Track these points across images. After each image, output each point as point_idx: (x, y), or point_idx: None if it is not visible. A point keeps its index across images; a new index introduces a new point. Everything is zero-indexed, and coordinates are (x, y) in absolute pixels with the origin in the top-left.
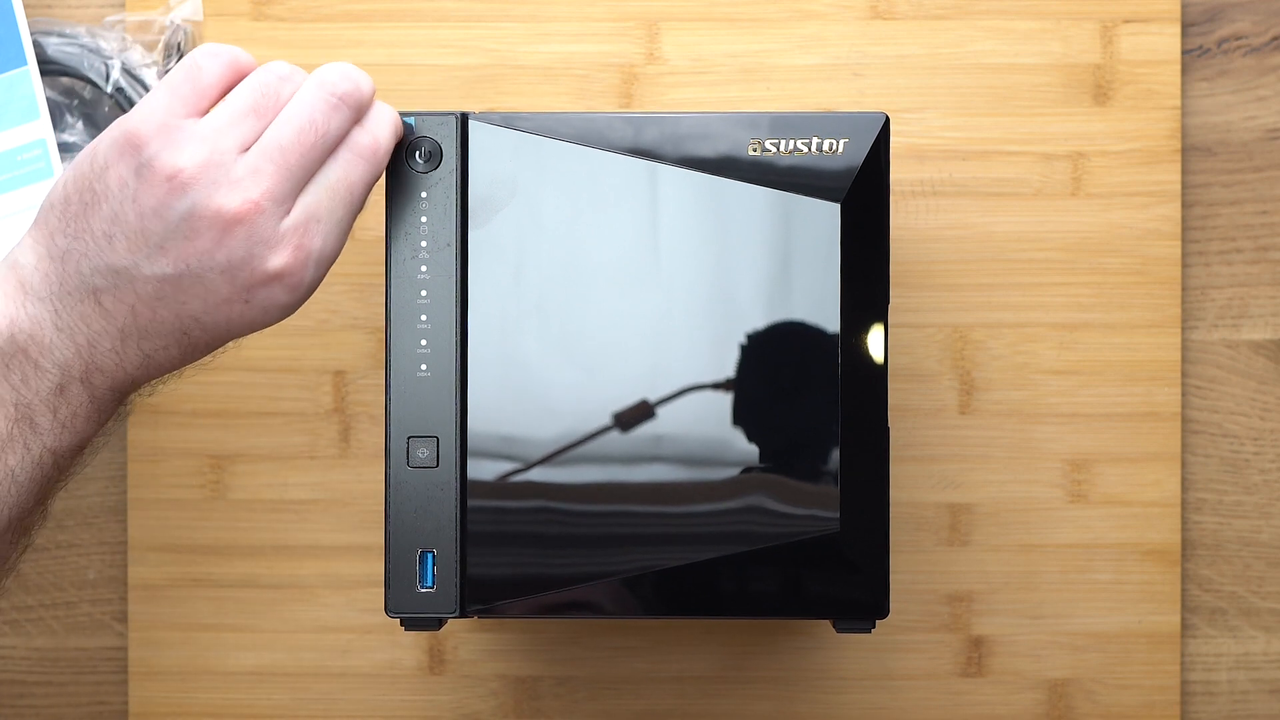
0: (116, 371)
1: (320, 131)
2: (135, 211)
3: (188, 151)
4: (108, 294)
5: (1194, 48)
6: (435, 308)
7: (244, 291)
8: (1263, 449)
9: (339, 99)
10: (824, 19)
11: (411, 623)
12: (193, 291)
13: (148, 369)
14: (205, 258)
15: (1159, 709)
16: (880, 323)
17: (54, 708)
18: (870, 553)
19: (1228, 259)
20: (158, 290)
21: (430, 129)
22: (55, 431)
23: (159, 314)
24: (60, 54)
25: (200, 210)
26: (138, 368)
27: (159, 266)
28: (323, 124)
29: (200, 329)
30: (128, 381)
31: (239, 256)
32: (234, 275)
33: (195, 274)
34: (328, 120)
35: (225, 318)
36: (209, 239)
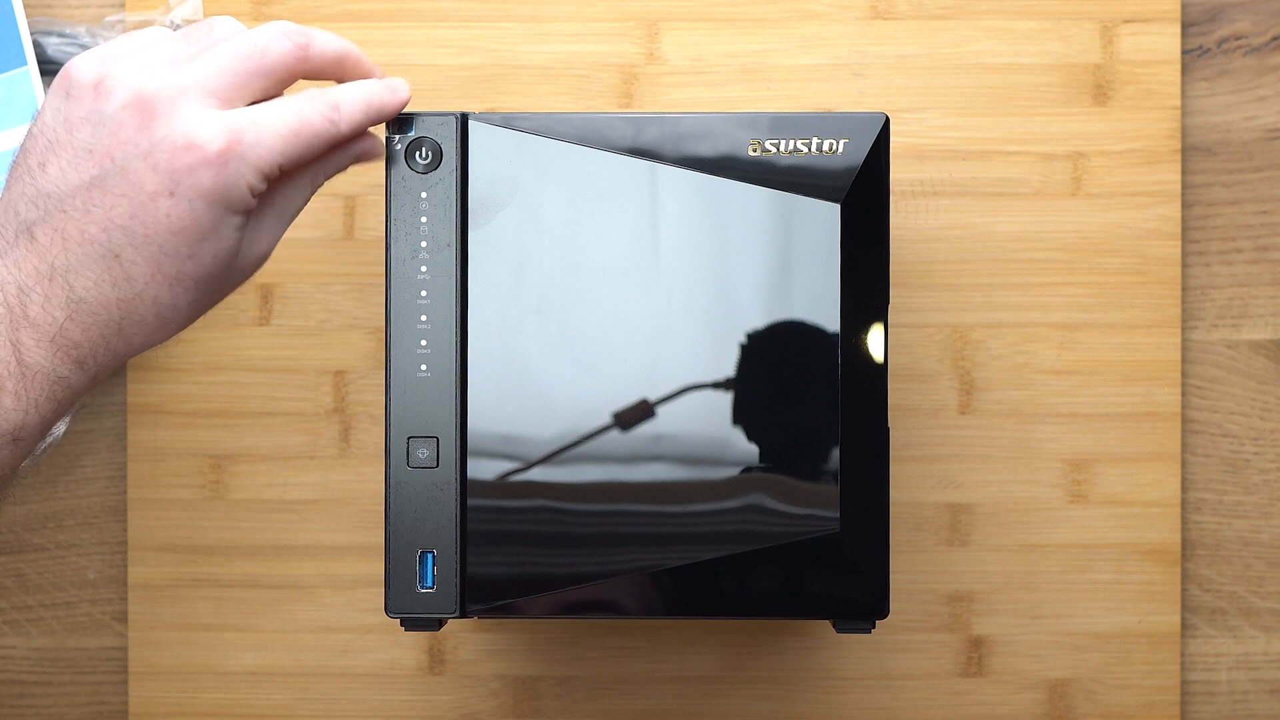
0: (44, 320)
1: (259, 48)
2: (65, 128)
3: (116, 62)
4: (40, 225)
5: (1194, 48)
6: (435, 308)
7: (168, 179)
8: (1263, 449)
9: (284, 32)
10: (824, 19)
11: (411, 623)
12: (118, 190)
13: (79, 316)
14: (129, 145)
15: (1159, 709)
16: (880, 323)
17: (54, 708)
18: (870, 553)
19: (1228, 259)
20: (85, 201)
21: (430, 129)
22: None
23: (87, 231)
24: (60, 54)
25: (126, 102)
26: (66, 313)
27: (86, 171)
28: (264, 44)
29: (130, 245)
30: (57, 336)
31: (160, 135)
32: (157, 158)
33: (120, 168)
34: (271, 42)
35: (152, 221)
36: (132, 125)
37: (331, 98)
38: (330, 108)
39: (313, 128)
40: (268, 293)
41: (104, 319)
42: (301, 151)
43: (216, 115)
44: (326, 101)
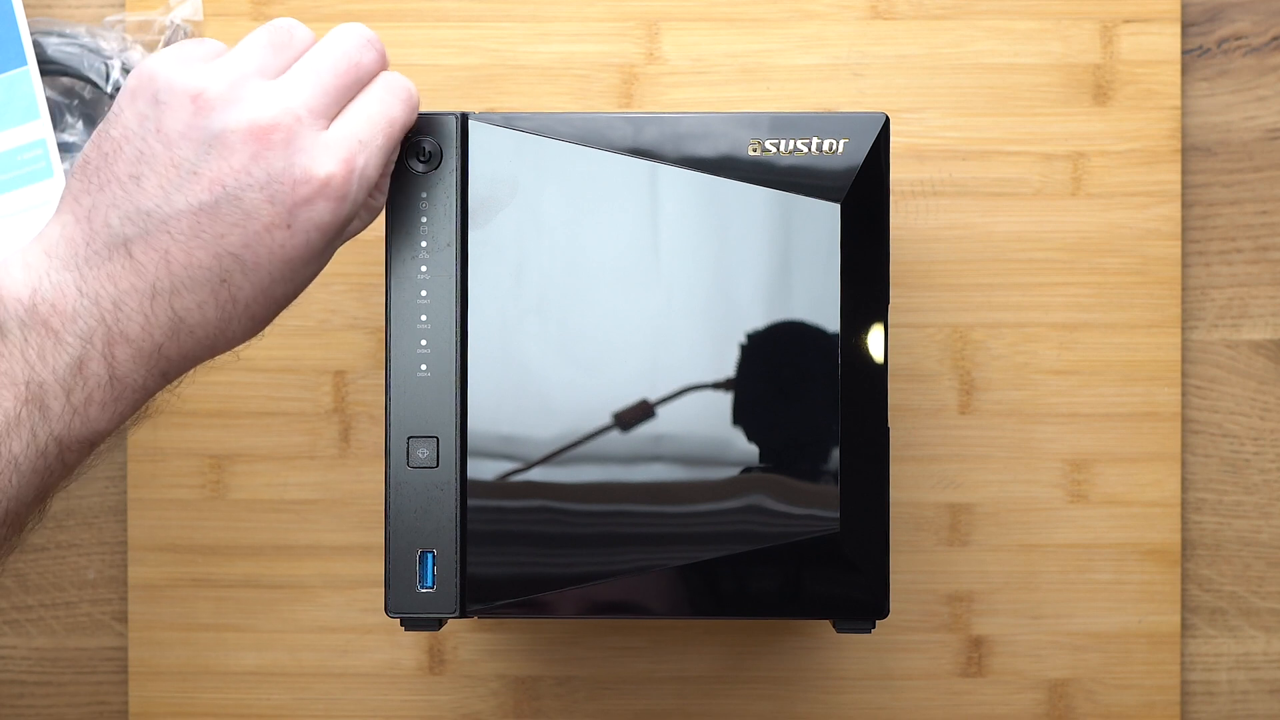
0: (143, 339)
1: (354, 61)
2: (161, 141)
3: (207, 74)
4: (138, 242)
5: (1194, 48)
6: (435, 308)
7: (286, 213)
8: (1263, 449)
9: (369, 40)
10: (824, 19)
11: (411, 623)
12: (230, 219)
13: (178, 336)
14: (242, 175)
15: (1159, 709)
16: (880, 323)
17: (54, 708)
18: (870, 553)
19: (1228, 259)
20: (193, 225)
21: (430, 129)
22: (66, 417)
23: (194, 256)
24: (60, 54)
25: (233, 124)
26: (167, 334)
27: (193, 195)
28: (356, 55)
29: (240, 272)
30: (154, 354)
31: (279, 168)
32: (274, 191)
33: (233, 196)
34: (361, 53)
35: (267, 250)
36: (245, 153)
37: (404, 85)
38: (407, 94)
39: (400, 124)
40: None
41: (201, 338)
42: (392, 155)
43: (329, 144)
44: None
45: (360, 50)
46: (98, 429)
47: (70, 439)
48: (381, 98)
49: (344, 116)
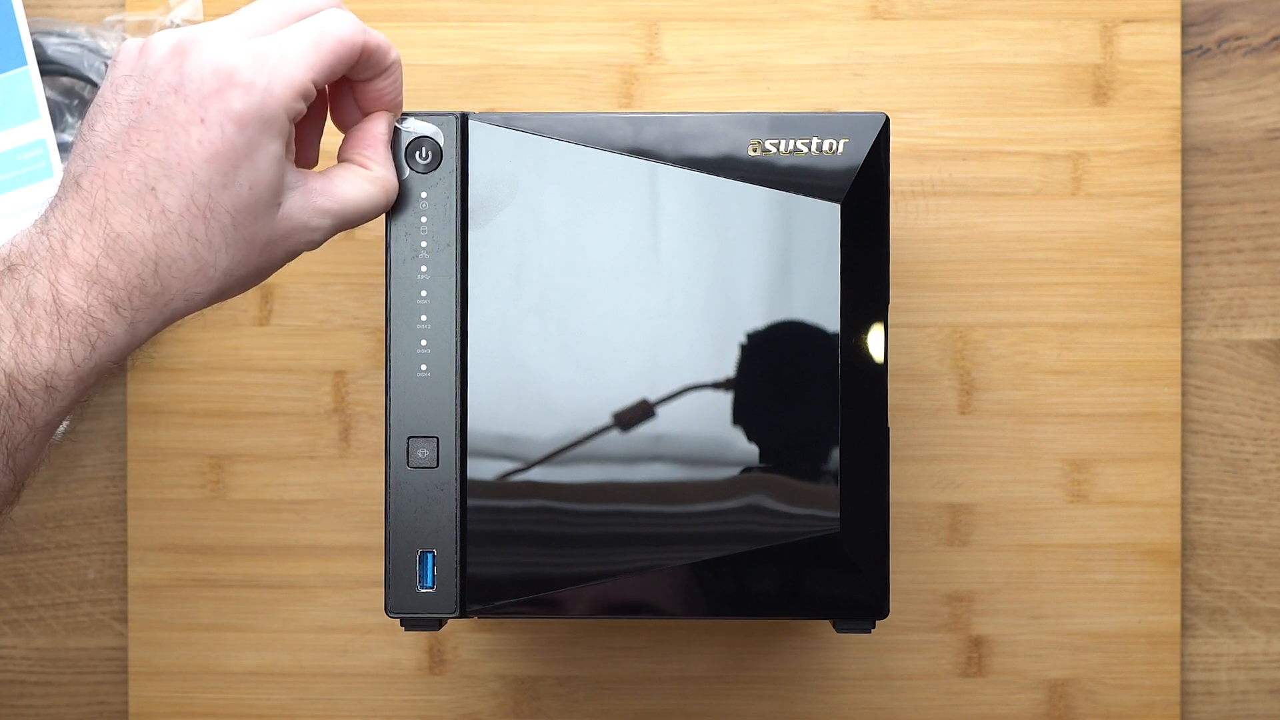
0: (83, 258)
1: None
2: (113, 90)
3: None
4: (85, 174)
5: (1194, 48)
6: (435, 308)
7: (198, 107)
8: (1263, 449)
9: None
10: (824, 19)
11: (411, 623)
12: (152, 126)
13: (115, 252)
14: (163, 86)
15: (1159, 709)
16: (880, 323)
17: (54, 708)
18: (870, 553)
19: (1228, 259)
20: (124, 142)
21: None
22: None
23: (125, 169)
24: (60, 54)
25: (165, 52)
26: (103, 250)
27: (125, 117)
28: None
29: (165, 177)
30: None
31: (191, 69)
32: (187, 91)
33: (155, 107)
34: None
35: (185, 148)
36: (169, 69)
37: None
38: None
39: (338, 35)
40: (268, 293)
41: (140, 255)
42: (331, 64)
43: (242, 44)
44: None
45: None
46: (46, 364)
47: (20, 373)
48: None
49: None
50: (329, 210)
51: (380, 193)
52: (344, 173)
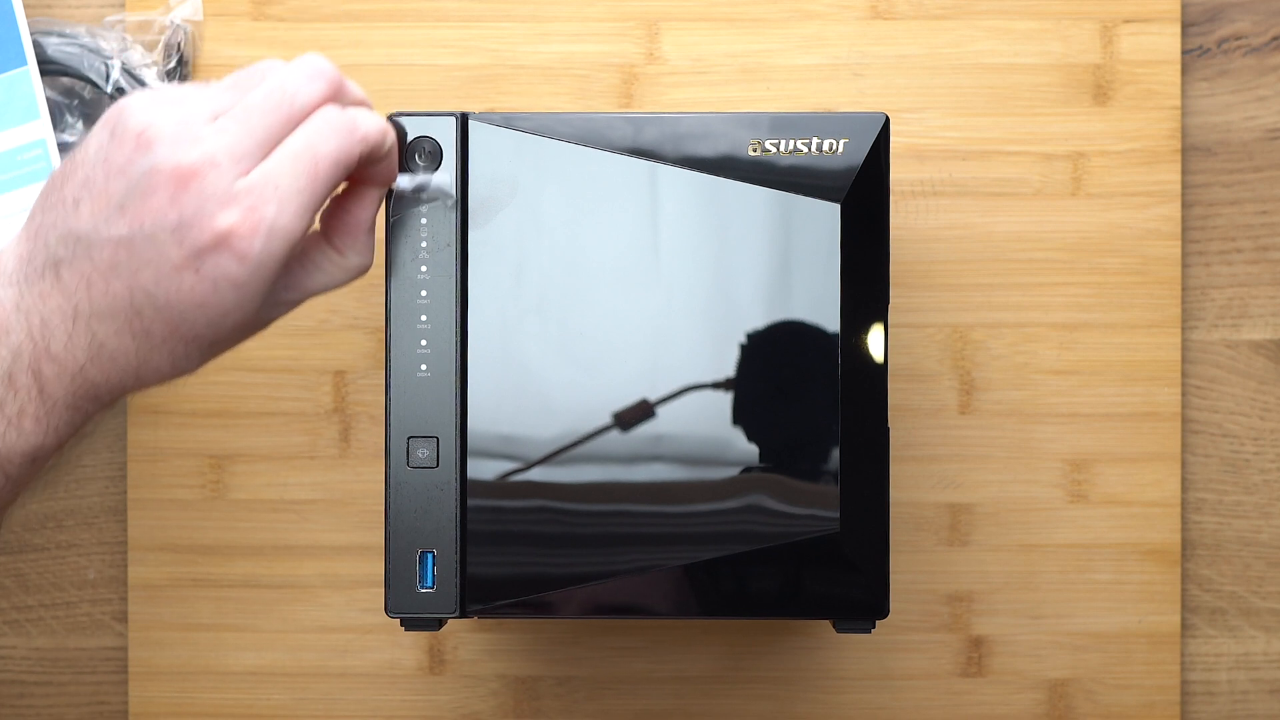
0: (66, 358)
1: (289, 93)
2: (104, 172)
3: (161, 112)
4: (66, 265)
5: (1194, 48)
6: (435, 308)
7: (193, 256)
8: (1263, 449)
9: (316, 72)
10: (824, 19)
11: (411, 623)
12: (145, 256)
13: (100, 360)
14: (158, 216)
15: (1159, 709)
16: (880, 323)
17: (54, 708)
18: (870, 553)
19: (1228, 259)
20: (112, 256)
21: (430, 129)
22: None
23: (112, 286)
24: (60, 54)
25: (160, 165)
26: (88, 356)
27: (116, 228)
28: (292, 89)
29: (152, 308)
30: (78, 375)
31: (189, 213)
32: (184, 235)
33: (148, 235)
34: (298, 87)
35: (176, 292)
36: (164, 195)
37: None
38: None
39: (334, 159)
40: None
41: (122, 364)
42: (328, 190)
43: (238, 193)
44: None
45: (299, 85)
46: (33, 443)
47: (7, 451)
48: (314, 129)
49: (269, 159)
50: (293, 301)
51: (351, 277)
52: (317, 259)
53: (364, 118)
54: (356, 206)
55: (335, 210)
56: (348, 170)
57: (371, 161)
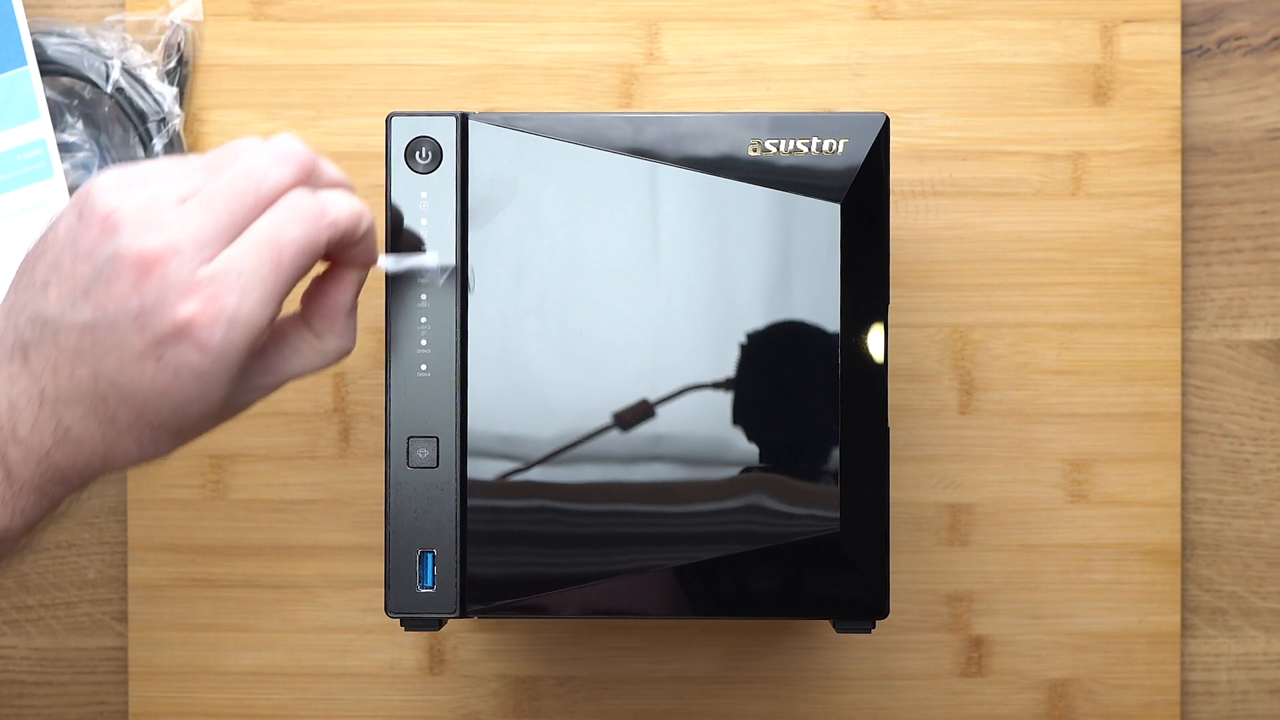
0: (32, 442)
1: (256, 179)
2: (71, 254)
3: (128, 195)
4: (34, 348)
5: (1194, 48)
6: (435, 308)
7: (155, 345)
8: (1263, 449)
9: (285, 155)
10: (824, 19)
11: (411, 623)
12: (108, 343)
13: (66, 445)
14: (121, 303)
15: (1159, 709)
16: (880, 323)
17: (54, 708)
18: (870, 553)
19: (1228, 259)
20: (78, 342)
21: (430, 129)
22: None
23: (77, 372)
24: (60, 54)
25: (124, 251)
26: (54, 440)
27: (81, 313)
28: (260, 173)
29: (117, 395)
30: (44, 459)
31: (151, 301)
32: (145, 324)
33: (111, 321)
34: (266, 171)
35: (138, 380)
36: (127, 282)
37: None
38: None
39: (299, 246)
40: None
41: (89, 449)
42: (294, 278)
43: (199, 282)
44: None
45: (267, 168)
46: (2, 524)
47: None
48: (279, 216)
49: (233, 246)
50: (269, 385)
51: (331, 362)
52: (294, 341)
53: (335, 202)
54: (335, 289)
55: (314, 292)
56: (315, 257)
57: (347, 245)
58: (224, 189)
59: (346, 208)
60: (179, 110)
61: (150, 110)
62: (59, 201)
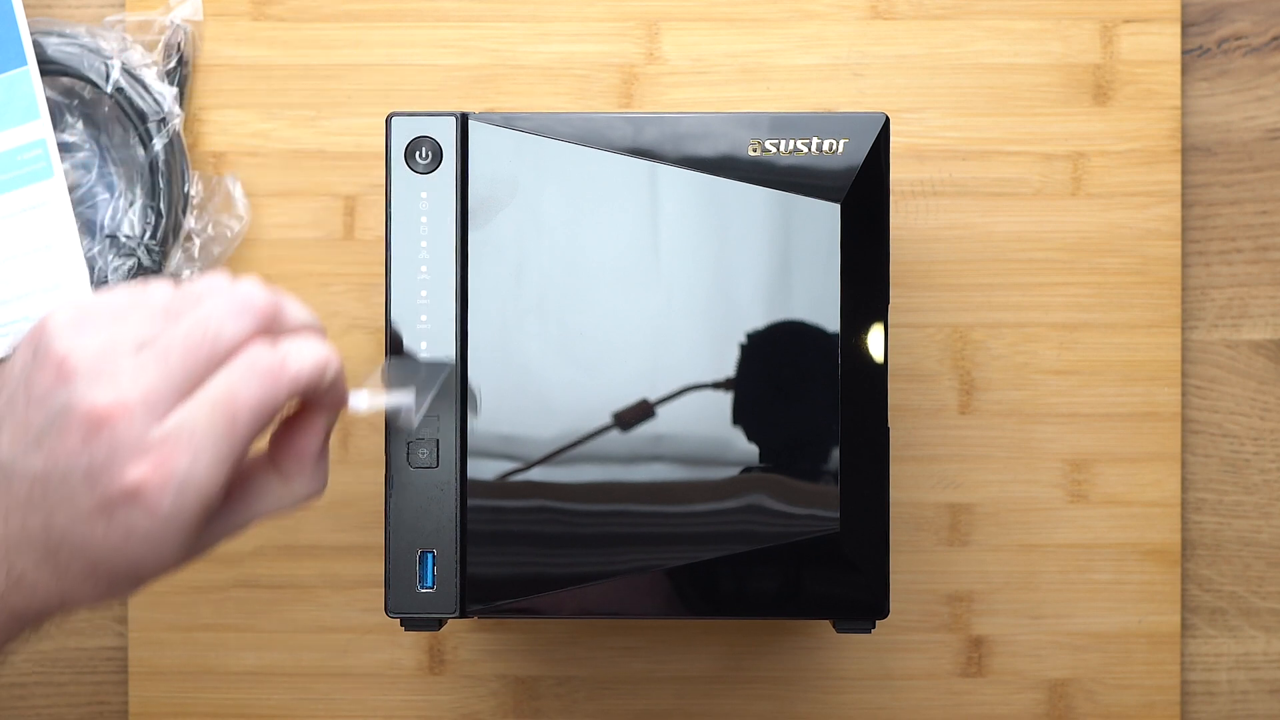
0: None
1: (212, 333)
2: (25, 397)
3: (84, 338)
4: None
5: (1194, 48)
6: (435, 308)
7: (104, 506)
8: (1263, 449)
9: (244, 306)
10: (824, 19)
11: (411, 623)
12: (59, 496)
13: (20, 590)
14: (71, 458)
15: (1159, 709)
16: (880, 323)
17: (54, 708)
18: (870, 553)
19: (1228, 259)
20: (29, 492)
21: (430, 129)
22: None
23: (29, 521)
24: (60, 54)
25: (76, 402)
26: (7, 585)
27: (33, 462)
28: (216, 326)
29: (68, 549)
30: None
31: (100, 460)
32: (95, 483)
33: (62, 475)
34: (222, 324)
35: (89, 538)
36: (77, 437)
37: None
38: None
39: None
40: None
41: (44, 594)
42: (250, 438)
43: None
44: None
45: (224, 320)
46: None
47: None
48: (235, 374)
49: (187, 405)
50: (234, 526)
51: (299, 505)
52: (262, 484)
53: (297, 354)
54: (302, 434)
55: (282, 436)
56: (273, 415)
57: (313, 393)
58: (180, 341)
59: (310, 359)
60: (179, 110)
61: (150, 110)
62: (59, 201)
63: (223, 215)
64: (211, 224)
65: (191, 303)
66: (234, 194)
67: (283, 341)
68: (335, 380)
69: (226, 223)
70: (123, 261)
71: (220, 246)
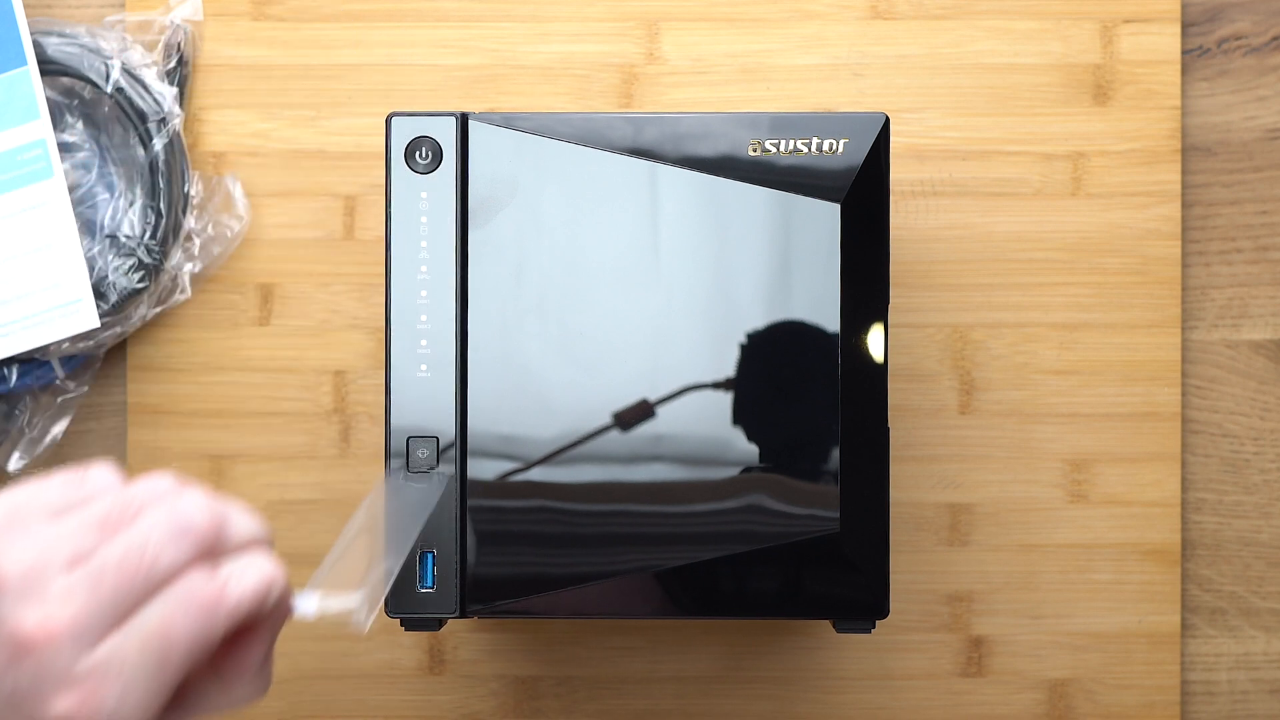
0: None
1: (148, 559)
2: None
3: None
4: None
5: (1194, 48)
6: (435, 308)
7: None
8: (1263, 449)
9: (183, 529)
10: (824, 19)
11: (411, 623)
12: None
13: None
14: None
15: (1159, 709)
16: (880, 323)
17: None
18: (870, 553)
19: (1228, 259)
20: None
21: (430, 129)
22: None
23: None
24: (60, 54)
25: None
26: None
27: None
28: (153, 552)
29: None
30: None
31: (24, 688)
32: (18, 710)
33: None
34: (160, 549)
35: None
36: (3, 656)
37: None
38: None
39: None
40: (268, 293)
41: None
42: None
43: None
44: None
45: (162, 545)
46: None
47: None
48: (169, 606)
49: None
50: None
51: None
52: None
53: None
54: (245, 648)
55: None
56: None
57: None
58: (114, 564)
59: (251, 585)
60: (179, 110)
61: (150, 110)
62: (59, 201)
63: (223, 215)
64: (211, 224)
65: (131, 515)
66: (234, 194)
67: (224, 565)
68: (280, 599)
69: (226, 223)
70: (123, 261)
71: (220, 246)
